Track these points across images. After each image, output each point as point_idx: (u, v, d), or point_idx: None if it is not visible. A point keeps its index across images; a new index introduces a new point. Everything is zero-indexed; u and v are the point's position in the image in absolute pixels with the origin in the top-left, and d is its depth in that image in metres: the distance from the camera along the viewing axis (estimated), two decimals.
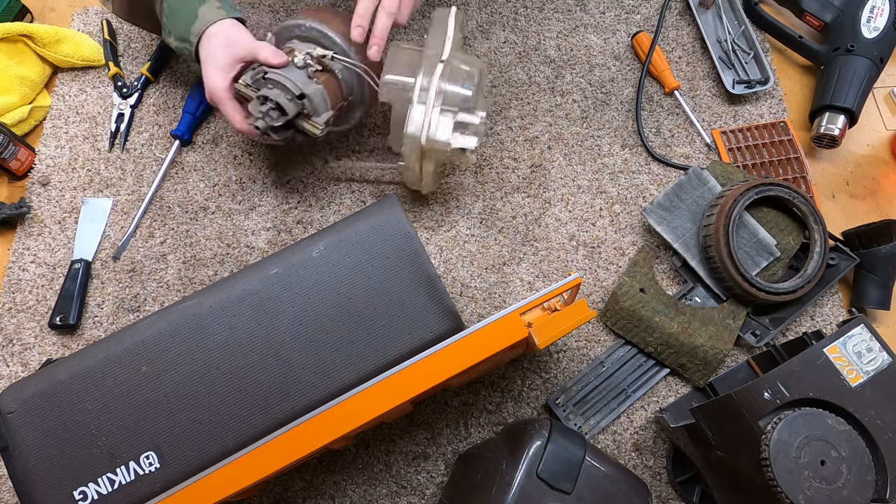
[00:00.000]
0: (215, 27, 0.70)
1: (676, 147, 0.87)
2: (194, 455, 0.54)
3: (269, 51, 0.69)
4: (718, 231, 0.74)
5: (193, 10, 0.70)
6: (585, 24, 0.94)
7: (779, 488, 0.50)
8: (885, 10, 0.86)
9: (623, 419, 0.73)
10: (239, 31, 0.71)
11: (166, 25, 0.73)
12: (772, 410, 0.54)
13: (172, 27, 0.72)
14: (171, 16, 0.72)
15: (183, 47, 0.73)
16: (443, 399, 0.74)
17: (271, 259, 0.59)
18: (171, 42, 0.74)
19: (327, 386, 0.56)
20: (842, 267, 0.76)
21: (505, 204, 0.83)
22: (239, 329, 0.56)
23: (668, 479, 0.71)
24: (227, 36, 0.70)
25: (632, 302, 0.74)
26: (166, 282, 0.79)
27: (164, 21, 0.73)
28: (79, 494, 0.53)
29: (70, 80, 0.91)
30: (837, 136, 0.83)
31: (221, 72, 0.70)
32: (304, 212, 0.82)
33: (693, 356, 0.72)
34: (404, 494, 0.70)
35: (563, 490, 0.55)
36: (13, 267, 0.80)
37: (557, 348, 0.76)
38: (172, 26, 0.72)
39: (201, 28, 0.70)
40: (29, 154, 0.85)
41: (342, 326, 0.57)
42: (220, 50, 0.70)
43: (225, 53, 0.70)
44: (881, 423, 0.54)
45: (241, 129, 0.72)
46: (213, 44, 0.70)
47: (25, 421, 0.54)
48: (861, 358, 0.56)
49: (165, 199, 0.83)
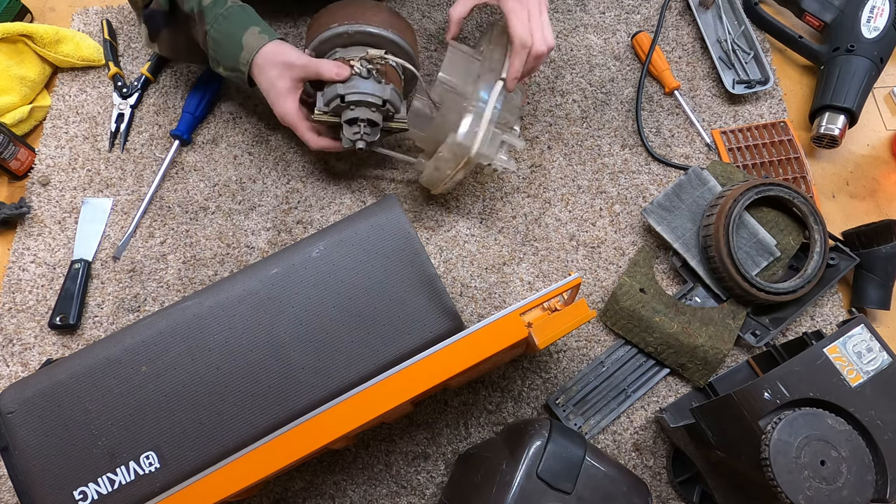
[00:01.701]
0: (264, 54, 0.70)
1: (676, 147, 0.87)
2: (194, 455, 0.54)
3: (330, 66, 0.69)
4: (718, 231, 0.74)
5: (238, 41, 0.71)
6: (585, 24, 0.94)
7: (779, 488, 0.50)
8: (885, 10, 0.86)
9: (623, 419, 0.73)
10: (289, 51, 0.71)
11: (214, 58, 0.73)
12: (772, 410, 0.54)
13: (221, 59, 0.73)
14: (217, 49, 0.72)
15: (234, 76, 0.74)
16: (443, 399, 0.74)
17: (271, 259, 0.59)
18: (222, 72, 0.75)
19: (327, 386, 0.56)
20: (842, 267, 0.76)
21: (505, 204, 0.83)
22: (239, 329, 0.56)
23: (668, 479, 0.71)
24: (280, 62, 0.70)
25: (632, 302, 0.74)
26: (166, 282, 0.79)
27: (210, 53, 0.73)
28: (79, 494, 0.53)
29: (70, 80, 0.91)
30: (837, 136, 0.83)
31: (287, 98, 0.72)
32: (304, 212, 0.82)
33: (693, 356, 0.72)
34: (404, 494, 0.70)
35: (563, 490, 0.55)
36: (13, 267, 0.80)
37: (557, 348, 0.76)
38: (221, 58, 0.73)
39: (249, 57, 0.71)
40: (29, 154, 0.85)
41: (342, 326, 0.57)
42: (279, 77, 0.71)
43: (284, 79, 0.71)
44: (881, 423, 0.54)
45: (320, 146, 0.74)
46: (269, 73, 0.71)
47: (25, 421, 0.54)
48: (861, 358, 0.56)
49: (165, 199, 0.83)
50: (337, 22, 0.73)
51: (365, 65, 0.70)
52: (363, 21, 0.73)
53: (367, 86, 0.69)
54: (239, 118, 0.88)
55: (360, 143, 0.71)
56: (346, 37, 0.73)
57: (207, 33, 0.71)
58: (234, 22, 0.71)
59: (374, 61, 0.71)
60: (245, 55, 0.71)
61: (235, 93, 0.89)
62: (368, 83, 0.70)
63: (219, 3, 0.71)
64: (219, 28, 0.71)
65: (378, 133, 0.72)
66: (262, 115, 0.88)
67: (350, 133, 0.71)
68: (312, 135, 0.74)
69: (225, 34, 0.71)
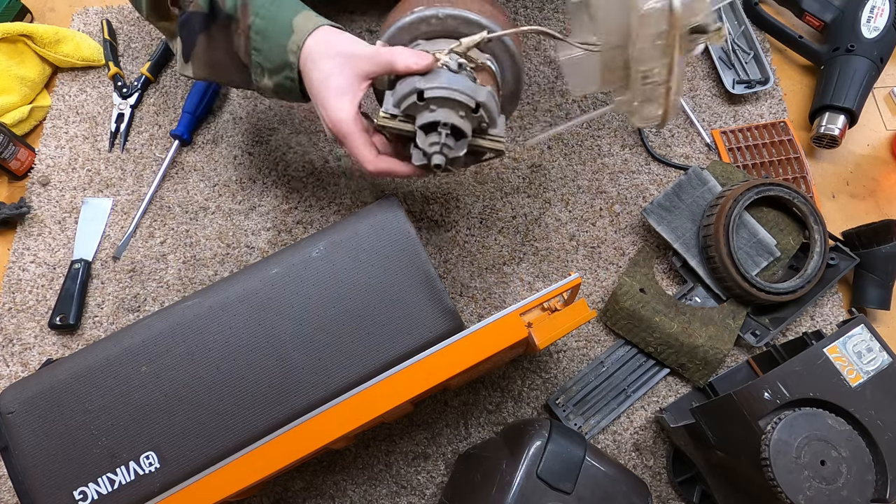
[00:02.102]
0: (318, 39, 0.55)
1: (676, 147, 0.87)
2: (194, 455, 0.54)
3: (406, 53, 0.52)
4: (718, 231, 0.74)
5: (286, 24, 0.56)
6: None
7: (779, 488, 0.50)
8: (885, 10, 0.86)
9: (623, 419, 0.73)
10: (351, 39, 0.55)
11: (257, 62, 0.59)
12: (772, 410, 0.54)
13: (265, 58, 0.58)
14: (262, 42, 0.57)
15: (282, 80, 0.58)
16: (443, 399, 0.74)
17: (271, 259, 0.59)
18: (267, 83, 0.59)
19: (327, 386, 0.56)
20: (842, 267, 0.76)
21: (505, 204, 0.83)
22: (239, 329, 0.56)
23: (668, 479, 0.71)
24: (340, 51, 0.54)
25: (632, 302, 0.74)
26: (166, 282, 0.79)
27: (252, 58, 0.59)
28: (79, 494, 0.53)
29: (70, 80, 0.91)
30: (837, 136, 0.83)
31: (344, 97, 0.54)
32: (304, 212, 0.82)
33: (693, 356, 0.72)
34: (404, 494, 0.70)
35: (563, 490, 0.55)
36: (13, 267, 0.80)
37: (557, 348, 0.76)
38: (265, 56, 0.58)
39: (301, 40, 0.55)
40: (29, 154, 0.85)
41: (342, 326, 0.57)
42: (336, 70, 0.54)
43: (342, 73, 0.54)
44: (881, 423, 0.54)
45: (379, 168, 0.56)
46: (324, 66, 0.54)
47: (25, 421, 0.54)
48: (861, 358, 0.56)
49: (165, 199, 0.83)
50: (422, 4, 0.56)
51: (455, 58, 0.53)
52: (460, 4, 0.56)
53: (456, 81, 0.51)
54: (239, 118, 0.88)
55: (438, 158, 0.51)
56: (434, 23, 0.55)
57: (251, 27, 0.57)
58: (283, 5, 0.57)
59: (468, 55, 0.53)
60: (295, 39, 0.55)
61: (235, 93, 0.89)
62: (459, 78, 0.52)
63: None
64: (265, 14, 0.57)
65: (463, 148, 0.53)
66: (262, 115, 0.88)
67: (426, 143, 0.52)
68: (370, 150, 0.55)
69: (272, 19, 0.57)
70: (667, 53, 0.46)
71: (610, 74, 0.50)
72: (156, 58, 0.89)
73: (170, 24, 0.64)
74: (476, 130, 0.54)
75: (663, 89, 0.49)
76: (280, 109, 0.88)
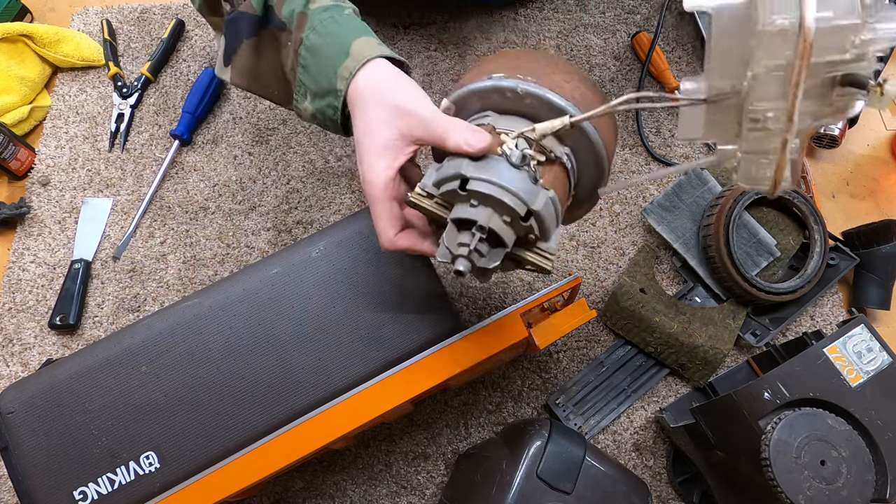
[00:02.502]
0: (373, 77, 0.47)
1: (676, 147, 0.87)
2: (194, 455, 0.54)
3: (463, 131, 0.43)
4: (718, 231, 0.74)
5: (344, 45, 0.49)
6: (585, 24, 0.94)
7: (779, 488, 0.50)
8: None
9: (623, 419, 0.73)
10: (409, 88, 0.47)
11: (303, 82, 0.52)
12: (772, 410, 0.54)
13: (311, 78, 0.51)
14: (311, 60, 0.50)
15: (324, 107, 0.51)
16: (443, 399, 0.74)
17: (271, 259, 0.59)
18: (308, 106, 0.52)
19: (327, 386, 0.56)
20: (842, 267, 0.76)
21: None
22: (239, 329, 0.56)
23: (668, 479, 0.71)
24: (394, 102, 0.46)
25: (632, 302, 0.74)
26: (166, 282, 0.79)
27: (299, 78, 0.52)
28: (79, 494, 0.53)
29: (70, 80, 0.91)
30: (837, 136, 0.83)
31: (384, 158, 0.46)
32: (304, 212, 0.82)
33: (693, 356, 0.72)
34: (404, 494, 0.70)
35: (563, 490, 0.55)
36: (13, 267, 0.80)
37: (557, 348, 0.76)
38: (311, 77, 0.51)
39: (355, 67, 0.47)
40: (29, 154, 0.85)
41: (342, 326, 0.57)
42: (385, 123, 0.46)
43: (391, 129, 0.46)
44: (881, 423, 0.54)
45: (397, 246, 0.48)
46: (371, 113, 0.46)
47: (25, 421, 0.54)
48: (861, 358, 0.56)
49: (165, 199, 0.83)
50: (503, 71, 0.45)
51: (522, 146, 0.42)
52: (545, 82, 0.44)
53: (512, 177, 0.41)
54: (239, 118, 0.88)
55: (462, 264, 0.41)
56: (509, 96, 0.45)
57: (303, 41, 0.50)
58: (345, 26, 0.50)
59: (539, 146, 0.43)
60: (349, 65, 0.48)
61: (235, 93, 0.89)
62: (515, 175, 0.41)
63: (333, 8, 0.51)
64: (323, 31, 0.50)
65: (497, 260, 0.43)
66: (263, 115, 0.88)
67: (454, 241, 0.42)
68: (392, 226, 0.47)
69: (329, 36, 0.49)
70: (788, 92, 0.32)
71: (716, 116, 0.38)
72: (156, 58, 0.89)
73: (221, 20, 0.58)
74: (521, 240, 0.45)
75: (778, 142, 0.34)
76: (280, 109, 0.88)
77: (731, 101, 0.37)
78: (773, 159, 0.35)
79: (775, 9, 0.32)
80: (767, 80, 0.34)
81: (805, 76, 0.31)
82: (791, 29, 0.31)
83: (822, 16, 0.31)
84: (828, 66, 0.33)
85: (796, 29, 0.31)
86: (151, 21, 0.94)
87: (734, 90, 0.36)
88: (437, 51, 0.92)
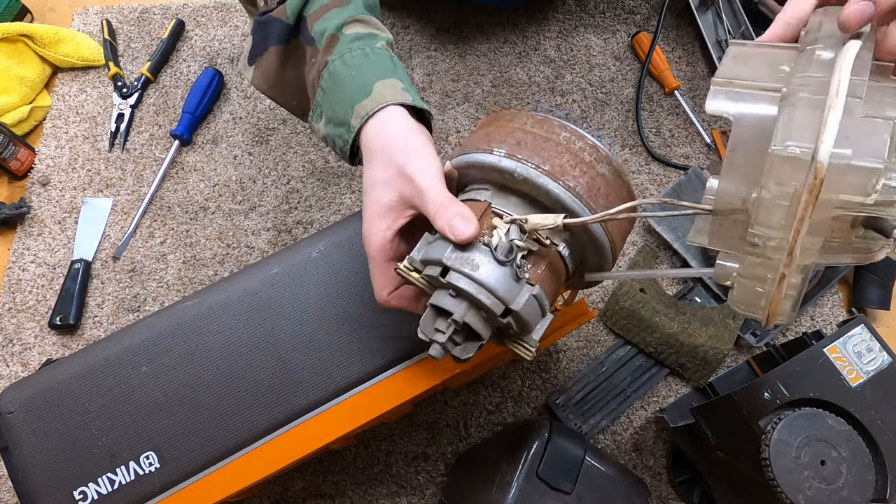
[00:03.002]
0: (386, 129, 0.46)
1: (676, 147, 0.87)
2: (194, 455, 0.54)
3: (452, 215, 0.41)
4: None
5: (367, 83, 0.47)
6: (585, 24, 0.94)
7: (779, 488, 0.50)
8: None
9: (623, 419, 0.73)
10: (419, 150, 0.45)
11: (320, 103, 0.51)
12: (772, 410, 0.54)
13: (329, 105, 0.50)
14: (332, 86, 0.49)
15: (336, 135, 0.50)
16: (443, 399, 0.74)
17: (271, 259, 0.59)
18: (320, 127, 0.52)
19: (327, 386, 0.56)
20: (842, 267, 0.76)
21: None
22: (239, 329, 0.56)
23: (668, 479, 0.71)
24: (401, 162, 0.44)
25: (632, 302, 0.74)
26: (166, 282, 0.79)
27: (317, 98, 0.51)
28: (79, 494, 0.53)
29: (70, 80, 0.91)
30: None
31: (384, 219, 0.45)
32: (304, 212, 0.82)
33: (693, 356, 0.72)
34: (404, 494, 0.70)
35: (563, 490, 0.55)
36: (13, 267, 0.80)
37: (557, 348, 0.76)
38: (329, 104, 0.50)
39: (373, 108, 0.46)
40: (29, 154, 0.85)
41: (342, 326, 0.57)
42: (388, 183, 0.45)
43: (393, 191, 0.45)
44: (881, 423, 0.54)
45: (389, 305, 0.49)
46: (378, 169, 0.46)
47: (25, 421, 0.54)
48: (861, 358, 0.56)
49: (165, 199, 0.83)
50: (505, 147, 0.42)
51: (514, 235, 0.40)
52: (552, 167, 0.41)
53: (492, 274, 0.39)
54: (239, 118, 0.88)
55: (435, 351, 0.42)
56: (507, 178, 0.42)
57: (328, 65, 0.49)
58: (374, 62, 0.49)
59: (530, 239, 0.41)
60: (367, 105, 0.47)
61: (235, 93, 0.89)
62: (497, 272, 0.39)
63: (366, 38, 0.50)
64: (350, 61, 0.49)
65: (472, 352, 0.43)
66: (262, 115, 0.88)
67: (429, 326, 0.42)
68: (387, 284, 0.47)
69: (355, 68, 0.49)
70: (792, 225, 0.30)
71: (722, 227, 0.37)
72: (156, 58, 0.89)
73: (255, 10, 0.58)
74: (501, 333, 0.44)
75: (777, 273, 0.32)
76: (280, 109, 0.88)
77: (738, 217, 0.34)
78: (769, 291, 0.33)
79: (792, 135, 0.30)
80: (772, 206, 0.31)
81: (811, 212, 0.29)
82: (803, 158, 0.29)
83: (839, 152, 0.28)
84: (846, 206, 0.31)
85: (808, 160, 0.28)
86: (151, 21, 0.94)
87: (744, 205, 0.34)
88: (437, 51, 0.91)
